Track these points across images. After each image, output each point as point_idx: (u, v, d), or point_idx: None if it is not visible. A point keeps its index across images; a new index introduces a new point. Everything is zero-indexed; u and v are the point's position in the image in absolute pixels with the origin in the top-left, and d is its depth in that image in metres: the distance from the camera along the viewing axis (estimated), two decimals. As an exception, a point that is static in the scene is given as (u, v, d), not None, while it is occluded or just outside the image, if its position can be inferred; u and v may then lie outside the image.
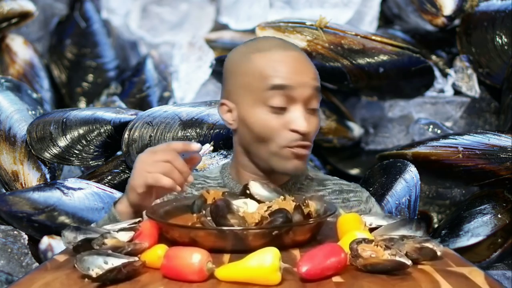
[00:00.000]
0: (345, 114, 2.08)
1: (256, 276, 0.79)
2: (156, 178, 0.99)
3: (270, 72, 1.10)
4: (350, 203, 1.22)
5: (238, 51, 1.18)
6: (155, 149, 1.03)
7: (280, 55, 1.12)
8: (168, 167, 1.00)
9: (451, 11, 1.95)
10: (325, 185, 1.25)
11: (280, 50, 1.13)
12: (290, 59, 1.12)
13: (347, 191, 1.24)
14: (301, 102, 1.11)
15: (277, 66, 1.10)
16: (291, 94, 1.09)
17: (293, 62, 1.11)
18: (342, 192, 1.23)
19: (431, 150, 1.70)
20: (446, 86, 2.04)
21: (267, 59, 1.11)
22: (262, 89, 1.10)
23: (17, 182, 1.66)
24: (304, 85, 1.10)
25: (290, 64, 1.11)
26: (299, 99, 1.10)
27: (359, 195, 1.24)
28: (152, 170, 1.00)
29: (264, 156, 1.14)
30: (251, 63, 1.12)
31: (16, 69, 2.19)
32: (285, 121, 1.10)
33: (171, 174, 0.99)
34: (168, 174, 0.99)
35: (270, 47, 1.14)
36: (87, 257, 0.82)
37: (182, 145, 1.03)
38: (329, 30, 1.79)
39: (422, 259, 0.87)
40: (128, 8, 2.53)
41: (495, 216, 1.67)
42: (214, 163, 1.57)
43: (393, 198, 1.59)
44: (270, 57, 1.12)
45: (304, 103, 1.11)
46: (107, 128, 1.68)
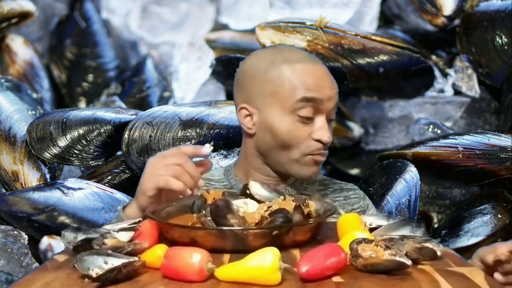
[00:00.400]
0: (345, 114, 2.08)
1: (256, 276, 0.79)
2: (167, 181, 1.00)
3: (300, 84, 1.15)
4: (351, 200, 1.27)
5: (263, 58, 1.20)
6: (166, 153, 1.05)
7: (309, 68, 1.17)
8: (179, 170, 1.01)
9: (451, 11, 1.95)
10: (326, 184, 1.29)
11: (308, 62, 1.18)
12: (318, 72, 1.17)
13: (347, 189, 1.29)
14: (325, 113, 1.17)
15: (307, 79, 1.15)
16: (318, 106, 1.15)
17: (321, 76, 1.17)
18: (343, 191, 1.29)
19: (431, 150, 1.70)
20: (446, 86, 2.04)
21: (298, 71, 1.16)
22: (291, 99, 1.14)
23: (17, 182, 1.66)
24: (330, 98, 1.17)
25: (318, 77, 1.16)
26: (324, 111, 1.17)
27: (358, 193, 1.29)
28: (163, 173, 1.01)
29: (285, 161, 1.18)
30: (280, 72, 1.16)
31: (16, 69, 2.19)
32: (310, 131, 1.16)
33: (181, 177, 1.00)
34: (178, 177, 1.00)
35: (297, 58, 1.18)
36: (87, 257, 0.82)
37: (192, 149, 1.05)
38: (329, 30, 1.79)
39: (422, 259, 0.87)
40: (128, 8, 2.53)
41: (495, 216, 1.67)
42: (214, 163, 1.57)
43: (393, 198, 1.59)
44: (300, 69, 1.16)
45: (327, 115, 1.18)
46: (107, 128, 1.68)
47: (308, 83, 1.15)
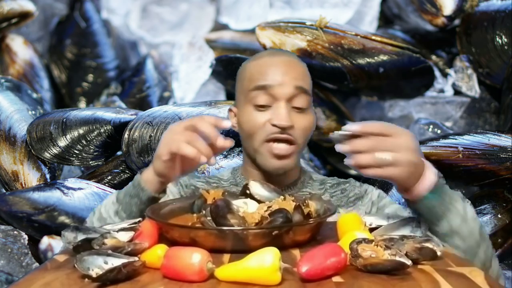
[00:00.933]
0: (345, 114, 2.08)
1: (256, 276, 0.79)
2: (179, 146, 0.99)
3: (255, 75, 1.21)
4: (347, 191, 1.29)
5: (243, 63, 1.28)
6: (186, 120, 1.04)
7: (267, 60, 1.23)
8: (193, 137, 0.99)
9: (451, 11, 1.95)
10: (325, 182, 1.32)
11: (269, 56, 1.24)
12: (275, 62, 1.21)
13: (343, 183, 1.32)
14: (284, 100, 1.18)
15: (262, 69, 1.21)
16: (272, 93, 1.18)
17: (277, 65, 1.21)
18: (340, 184, 1.31)
19: (431, 150, 1.70)
20: (446, 86, 2.04)
21: (256, 65, 1.23)
22: (249, 91, 1.20)
23: (17, 182, 1.66)
24: (284, 83, 1.18)
25: (273, 66, 1.21)
26: (281, 97, 1.18)
27: (353, 183, 1.32)
28: (177, 138, 1.00)
29: (252, 153, 1.22)
30: (244, 70, 1.25)
31: (16, 69, 2.19)
32: (268, 117, 1.18)
33: (195, 143, 0.99)
34: (192, 143, 0.99)
35: (262, 55, 1.26)
36: (87, 257, 0.82)
37: (214, 119, 1.03)
38: (329, 30, 1.79)
39: (422, 259, 0.87)
40: (128, 8, 2.53)
41: (495, 216, 1.67)
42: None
43: (393, 198, 1.59)
44: (258, 63, 1.23)
45: (287, 101, 1.19)
46: (107, 128, 1.68)
47: (261, 73, 1.20)
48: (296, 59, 1.25)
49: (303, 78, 1.22)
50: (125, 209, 1.09)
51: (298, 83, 1.20)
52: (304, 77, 1.22)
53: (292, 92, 1.18)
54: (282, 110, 1.17)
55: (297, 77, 1.20)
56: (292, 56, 1.27)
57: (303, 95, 1.20)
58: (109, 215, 1.10)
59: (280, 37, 1.78)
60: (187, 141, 0.99)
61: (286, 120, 1.17)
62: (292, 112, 1.19)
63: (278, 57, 1.24)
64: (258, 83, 1.19)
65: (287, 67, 1.21)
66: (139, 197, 1.07)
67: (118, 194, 1.11)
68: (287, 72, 1.20)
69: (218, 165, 1.57)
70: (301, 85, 1.20)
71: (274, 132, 1.17)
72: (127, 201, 1.09)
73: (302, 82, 1.20)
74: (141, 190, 1.07)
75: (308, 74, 1.25)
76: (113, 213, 1.10)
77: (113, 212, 1.10)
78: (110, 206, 1.11)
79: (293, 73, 1.20)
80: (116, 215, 1.09)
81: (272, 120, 1.17)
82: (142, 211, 1.07)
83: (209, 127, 1.00)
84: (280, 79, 1.19)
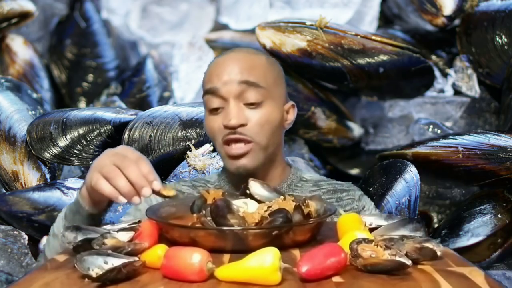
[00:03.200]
0: (345, 114, 2.08)
1: (256, 276, 0.79)
2: (96, 181, 0.95)
3: (205, 79, 1.19)
4: (344, 201, 1.24)
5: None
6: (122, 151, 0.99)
7: (214, 62, 1.19)
8: (114, 173, 0.95)
9: (451, 11, 1.95)
10: (320, 185, 1.26)
11: (218, 57, 1.20)
12: (220, 62, 1.18)
13: (341, 191, 1.26)
14: (231, 98, 1.14)
15: (208, 73, 1.18)
16: (219, 94, 1.15)
17: (221, 64, 1.17)
18: (336, 192, 1.25)
19: (431, 150, 1.70)
20: (446, 86, 2.04)
21: (207, 69, 1.20)
22: (202, 97, 1.19)
23: (17, 182, 1.66)
24: (227, 82, 1.14)
25: (217, 67, 1.17)
26: (229, 96, 1.14)
27: (352, 194, 1.26)
28: (100, 170, 0.96)
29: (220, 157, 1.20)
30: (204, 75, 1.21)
31: (16, 69, 2.19)
32: (220, 119, 1.16)
33: (114, 180, 0.94)
34: (111, 180, 0.94)
35: (219, 55, 1.22)
36: (87, 257, 0.82)
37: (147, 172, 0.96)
38: (329, 30, 1.79)
39: (422, 259, 0.87)
40: (128, 8, 2.53)
41: (495, 216, 1.67)
42: (214, 163, 1.57)
43: (393, 198, 1.59)
44: (209, 66, 1.20)
45: (236, 99, 1.15)
46: (107, 128, 1.68)
47: (208, 76, 1.18)
48: (246, 53, 1.19)
49: (251, 71, 1.15)
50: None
51: (242, 77, 1.14)
52: (253, 70, 1.16)
53: (238, 89, 1.14)
54: (230, 110, 1.13)
55: (242, 72, 1.15)
56: (243, 51, 1.21)
57: (252, 88, 1.14)
58: (60, 231, 1.07)
59: (280, 37, 1.78)
60: (107, 177, 0.95)
61: (233, 119, 1.13)
62: (245, 109, 1.14)
63: (226, 55, 1.19)
64: (205, 87, 1.17)
65: (232, 64, 1.16)
66: (80, 213, 1.05)
67: (66, 210, 1.09)
68: (231, 69, 1.15)
69: (218, 165, 1.57)
70: (247, 78, 1.14)
71: (226, 133, 1.14)
72: (71, 217, 1.06)
73: (248, 76, 1.15)
74: (80, 207, 1.05)
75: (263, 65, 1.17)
76: (63, 229, 1.02)
77: (63, 228, 1.03)
78: (60, 222, 1.09)
79: (237, 69, 1.15)
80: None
81: (222, 122, 1.14)
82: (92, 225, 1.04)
83: (136, 174, 0.94)
84: (224, 78, 1.14)
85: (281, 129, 1.21)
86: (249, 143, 1.14)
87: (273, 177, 1.22)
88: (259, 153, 1.16)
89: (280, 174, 1.23)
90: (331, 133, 2.02)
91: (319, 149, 2.09)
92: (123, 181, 0.94)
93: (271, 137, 1.17)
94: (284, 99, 1.22)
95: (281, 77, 1.23)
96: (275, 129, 1.18)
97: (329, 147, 2.09)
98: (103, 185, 0.95)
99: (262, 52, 1.26)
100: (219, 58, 1.20)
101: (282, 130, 1.22)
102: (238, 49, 1.23)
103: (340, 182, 1.29)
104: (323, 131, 2.00)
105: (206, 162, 1.56)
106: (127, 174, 0.94)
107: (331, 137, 2.03)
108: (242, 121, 1.13)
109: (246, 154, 1.15)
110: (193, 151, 1.58)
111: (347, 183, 1.30)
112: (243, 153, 1.15)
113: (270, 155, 1.19)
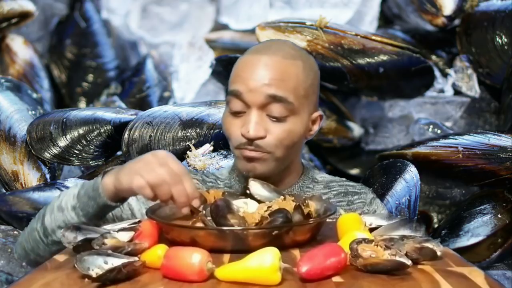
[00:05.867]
0: (345, 114, 2.08)
1: (256, 276, 0.79)
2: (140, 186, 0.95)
3: (233, 77, 1.14)
4: (354, 205, 1.22)
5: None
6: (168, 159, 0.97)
7: (246, 60, 1.14)
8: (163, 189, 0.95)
9: (451, 11, 1.95)
10: (331, 187, 1.24)
11: (252, 54, 1.15)
12: (252, 63, 1.12)
13: (352, 193, 1.24)
14: (255, 107, 1.11)
15: (239, 71, 1.13)
16: (243, 99, 1.11)
17: (251, 66, 1.12)
18: (347, 194, 1.23)
19: (431, 150, 1.70)
20: (446, 86, 2.03)
21: (238, 63, 1.15)
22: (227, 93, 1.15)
23: (17, 182, 1.66)
24: (254, 91, 1.10)
25: (249, 69, 1.12)
26: (251, 104, 1.11)
27: (364, 197, 1.24)
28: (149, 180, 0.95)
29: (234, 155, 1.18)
30: (234, 66, 1.16)
31: (16, 69, 2.19)
32: (241, 125, 1.12)
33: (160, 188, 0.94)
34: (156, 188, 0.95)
35: (250, 50, 1.17)
36: (87, 257, 0.82)
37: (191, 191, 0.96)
38: (329, 30, 1.79)
39: (422, 259, 0.87)
40: (128, 8, 2.53)
41: (495, 216, 1.67)
42: (214, 163, 1.57)
43: (393, 198, 1.58)
44: (239, 62, 1.15)
45: (259, 109, 1.11)
46: (107, 128, 1.68)
47: (237, 76, 1.13)
48: (281, 58, 1.12)
49: (281, 84, 1.10)
50: (82, 207, 1.03)
51: (271, 91, 1.09)
52: (284, 82, 1.10)
53: (263, 100, 1.10)
54: (252, 119, 1.10)
55: (271, 83, 1.09)
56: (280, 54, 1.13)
57: (278, 104, 1.10)
58: (67, 207, 1.04)
59: (280, 37, 1.78)
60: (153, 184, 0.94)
61: (252, 130, 1.09)
62: (268, 121, 1.11)
63: (260, 55, 1.12)
64: (231, 88, 1.12)
65: (263, 70, 1.10)
66: (96, 201, 1.02)
67: (80, 190, 1.05)
68: (261, 77, 1.09)
69: (218, 165, 1.57)
70: (275, 93, 1.09)
71: (243, 143, 1.12)
72: (85, 201, 1.03)
73: (277, 89, 1.09)
74: (98, 195, 1.01)
75: (297, 76, 1.12)
76: (70, 207, 1.04)
77: (71, 206, 1.04)
78: (70, 199, 1.06)
79: (267, 78, 1.09)
80: (73, 211, 1.04)
81: (241, 129, 1.11)
82: (97, 216, 1.03)
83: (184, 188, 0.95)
84: (251, 85, 1.09)
85: (302, 140, 1.18)
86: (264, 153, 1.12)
87: (285, 182, 1.20)
88: (272, 163, 1.14)
89: (293, 178, 1.21)
90: (331, 133, 2.02)
91: (319, 149, 2.09)
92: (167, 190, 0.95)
93: (289, 150, 1.14)
94: (313, 108, 1.18)
95: (315, 85, 1.18)
96: (296, 143, 1.15)
97: (329, 147, 2.09)
98: (147, 192, 0.95)
99: (300, 55, 1.17)
100: (251, 56, 1.14)
101: (304, 140, 1.19)
102: (276, 48, 1.15)
103: (352, 183, 1.26)
104: (323, 131, 2.01)
105: (206, 162, 1.56)
106: (174, 192, 0.95)
107: (331, 137, 2.03)
108: (261, 134, 1.10)
109: (259, 159, 1.13)
110: (193, 151, 1.58)
111: (359, 185, 1.27)
112: (257, 157, 1.12)
113: (285, 165, 1.17)
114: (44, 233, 1.07)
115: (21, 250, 1.15)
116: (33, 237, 1.09)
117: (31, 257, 1.12)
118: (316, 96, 1.20)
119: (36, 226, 1.09)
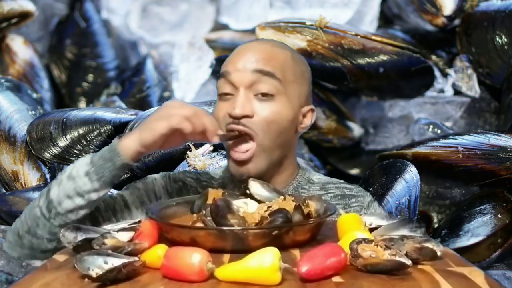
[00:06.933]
0: (345, 114, 2.08)
1: (256, 276, 0.79)
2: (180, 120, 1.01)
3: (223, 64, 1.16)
4: (351, 209, 1.20)
5: None
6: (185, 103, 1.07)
7: (236, 48, 1.18)
8: (193, 114, 1.03)
9: (451, 11, 1.95)
10: (328, 189, 1.22)
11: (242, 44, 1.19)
12: (240, 48, 1.16)
13: (349, 196, 1.22)
14: (243, 87, 1.11)
15: (228, 58, 1.16)
16: (231, 80, 1.12)
17: (239, 51, 1.15)
18: (344, 197, 1.21)
19: (431, 150, 1.70)
20: (446, 86, 2.04)
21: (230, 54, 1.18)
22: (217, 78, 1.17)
23: (17, 182, 1.66)
24: (241, 69, 1.11)
25: (236, 53, 1.15)
26: (239, 84, 1.11)
27: (361, 201, 1.22)
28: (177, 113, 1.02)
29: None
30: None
31: (16, 69, 2.19)
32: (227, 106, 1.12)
33: (193, 119, 1.02)
34: (190, 119, 1.02)
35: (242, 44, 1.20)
36: (87, 257, 0.82)
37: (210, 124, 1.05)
38: (329, 30, 1.79)
39: (422, 259, 0.87)
40: (128, 8, 2.53)
41: (495, 216, 1.67)
42: (214, 163, 1.57)
43: (393, 198, 1.58)
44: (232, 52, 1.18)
45: (246, 89, 1.11)
46: (107, 128, 1.68)
47: (226, 61, 1.16)
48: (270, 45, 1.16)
49: (268, 61, 1.11)
50: (97, 171, 1.04)
51: (257, 66, 1.10)
52: (271, 60, 1.11)
53: (250, 78, 1.10)
54: (239, 98, 1.10)
55: (258, 61, 1.11)
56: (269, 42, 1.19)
57: (266, 78, 1.10)
58: (79, 174, 1.04)
59: (280, 37, 1.78)
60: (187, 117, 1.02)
61: (238, 108, 1.09)
62: (255, 101, 1.10)
63: (250, 43, 1.18)
64: (220, 71, 1.15)
65: (251, 52, 1.13)
66: (113, 162, 1.04)
67: (93, 157, 1.06)
68: (248, 57, 1.12)
69: (218, 165, 1.57)
70: (262, 68, 1.10)
71: (228, 122, 1.10)
72: (101, 164, 1.04)
73: (264, 65, 1.10)
74: (116, 155, 1.04)
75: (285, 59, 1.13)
76: (83, 173, 1.04)
77: (83, 172, 1.04)
78: (82, 166, 1.05)
79: (254, 58, 1.11)
80: (86, 176, 1.04)
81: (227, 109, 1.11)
82: (114, 178, 1.05)
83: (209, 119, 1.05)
84: (239, 65, 1.11)
85: (291, 132, 1.15)
86: (251, 140, 1.10)
87: (279, 181, 1.18)
88: (263, 158, 1.12)
89: (287, 177, 1.19)
90: (331, 133, 2.02)
91: (319, 149, 2.09)
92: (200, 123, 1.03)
93: (277, 138, 1.12)
94: (303, 100, 1.17)
95: (305, 77, 1.18)
96: (284, 130, 1.12)
97: (329, 147, 2.09)
98: (186, 124, 1.02)
99: (290, 49, 1.21)
100: (242, 44, 1.18)
101: (294, 133, 1.17)
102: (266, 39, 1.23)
103: (349, 185, 1.24)
104: (323, 131, 2.00)
105: (206, 162, 1.56)
106: (206, 121, 1.04)
107: (331, 137, 2.03)
108: (247, 112, 1.09)
109: (250, 160, 1.11)
110: (193, 151, 1.58)
111: (356, 187, 1.25)
112: (247, 159, 1.11)
113: (277, 159, 1.15)
114: (48, 206, 1.06)
115: (13, 236, 1.12)
116: (32, 215, 1.08)
117: (24, 241, 1.09)
118: (308, 90, 1.19)
119: (38, 203, 1.08)
